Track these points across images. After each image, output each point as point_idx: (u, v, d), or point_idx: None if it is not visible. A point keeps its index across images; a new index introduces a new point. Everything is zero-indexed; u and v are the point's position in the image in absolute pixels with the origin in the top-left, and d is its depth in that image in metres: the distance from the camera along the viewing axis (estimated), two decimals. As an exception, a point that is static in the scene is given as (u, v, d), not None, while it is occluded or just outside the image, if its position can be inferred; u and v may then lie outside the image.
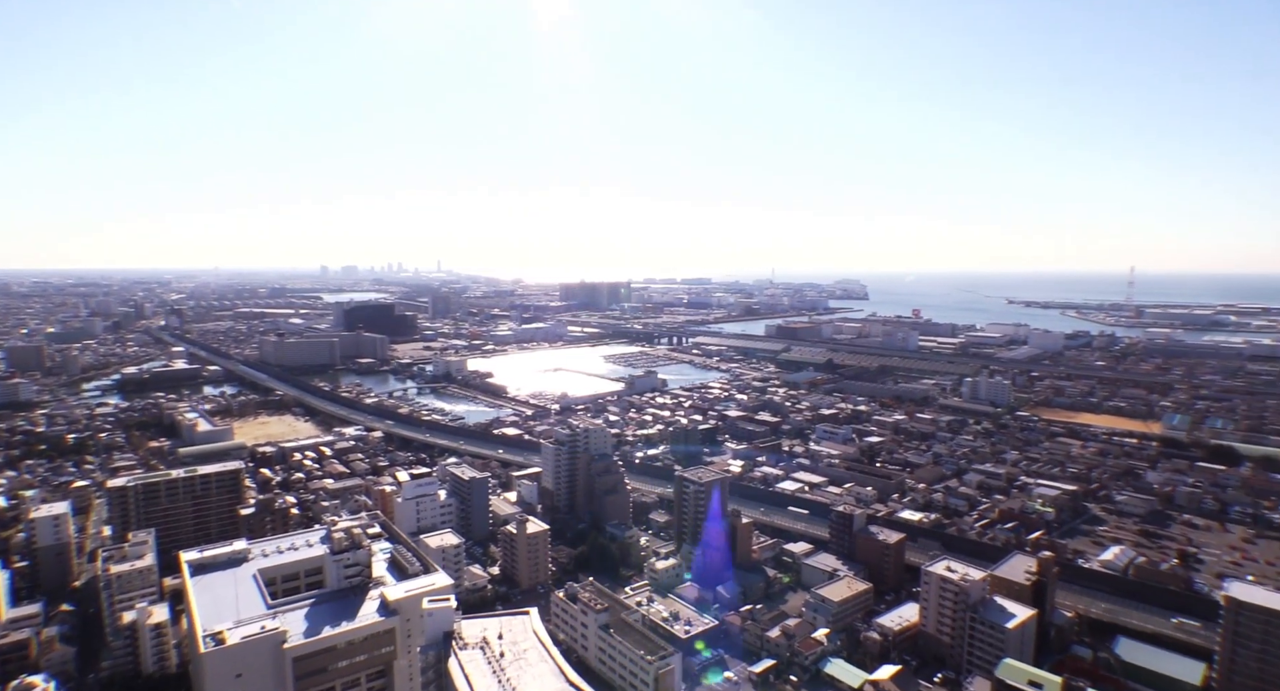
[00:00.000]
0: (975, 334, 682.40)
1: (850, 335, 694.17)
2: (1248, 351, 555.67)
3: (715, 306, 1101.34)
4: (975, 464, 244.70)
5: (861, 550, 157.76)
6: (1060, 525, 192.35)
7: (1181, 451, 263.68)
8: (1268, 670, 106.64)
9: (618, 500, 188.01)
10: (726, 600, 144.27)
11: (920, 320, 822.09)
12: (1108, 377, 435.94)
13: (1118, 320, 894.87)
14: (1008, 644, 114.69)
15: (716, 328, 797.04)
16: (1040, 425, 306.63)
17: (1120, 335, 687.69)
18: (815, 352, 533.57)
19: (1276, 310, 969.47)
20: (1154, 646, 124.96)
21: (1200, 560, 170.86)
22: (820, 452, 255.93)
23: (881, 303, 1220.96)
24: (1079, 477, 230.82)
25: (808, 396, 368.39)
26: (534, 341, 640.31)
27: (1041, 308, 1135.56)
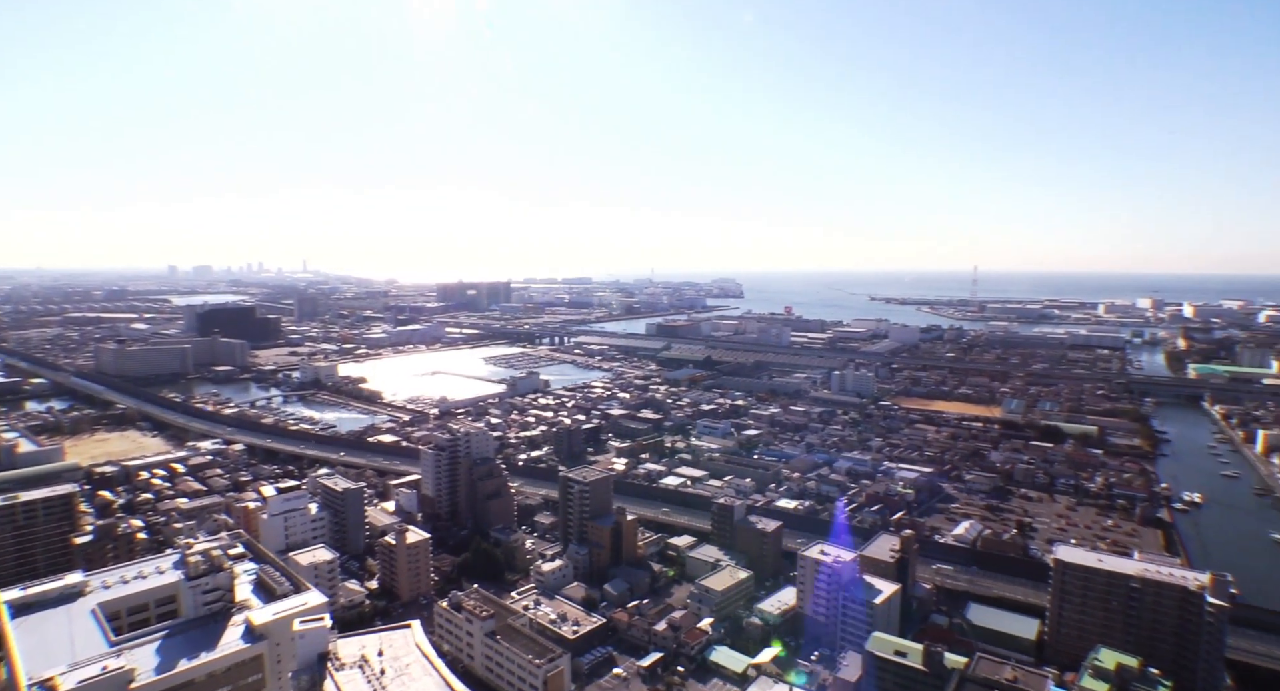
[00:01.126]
0: (842, 329, 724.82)
1: (727, 332, 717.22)
2: (1068, 341, 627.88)
3: (596, 306, 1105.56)
4: (844, 451, 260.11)
5: (742, 540, 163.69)
6: (919, 505, 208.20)
7: (1018, 432, 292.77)
8: (1086, 620, 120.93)
9: (501, 504, 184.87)
10: (614, 597, 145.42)
11: (792, 317, 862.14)
12: (957, 368, 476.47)
13: (964, 315, 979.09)
14: (876, 618, 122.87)
15: (598, 327, 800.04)
16: (900, 413, 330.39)
17: (967, 328, 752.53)
18: (694, 350, 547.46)
19: (1090, 305, 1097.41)
20: (999, 609, 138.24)
21: (1034, 528, 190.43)
22: (701, 447, 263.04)
23: (756, 301, 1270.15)
24: (934, 460, 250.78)
25: (688, 393, 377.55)
26: (410, 344, 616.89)
27: (900, 304, 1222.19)
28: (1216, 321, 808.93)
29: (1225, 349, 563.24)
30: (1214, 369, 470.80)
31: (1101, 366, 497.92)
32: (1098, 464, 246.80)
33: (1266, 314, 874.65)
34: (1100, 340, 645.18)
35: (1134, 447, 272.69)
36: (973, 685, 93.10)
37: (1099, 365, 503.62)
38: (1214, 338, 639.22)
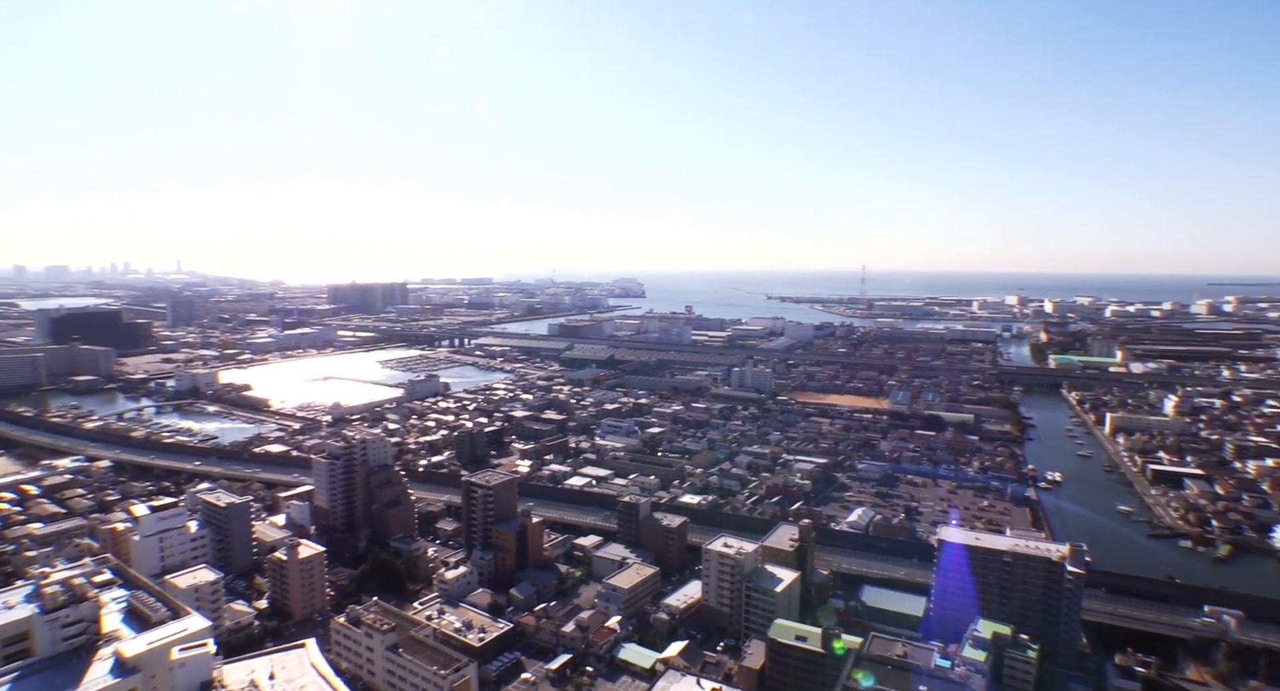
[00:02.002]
0: (740, 327, 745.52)
1: (630, 332, 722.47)
2: (947, 336, 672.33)
3: (497, 306, 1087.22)
4: (745, 446, 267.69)
5: (647, 536, 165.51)
6: (816, 494, 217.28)
7: (904, 422, 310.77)
8: (967, 595, 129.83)
9: (401, 512, 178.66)
10: (521, 601, 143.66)
11: (693, 316, 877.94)
12: (848, 363, 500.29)
13: (854, 312, 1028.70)
14: (778, 606, 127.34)
15: (500, 328, 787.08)
16: (797, 407, 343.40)
17: (857, 325, 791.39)
18: (597, 349, 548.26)
19: (966, 302, 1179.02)
20: (891, 590, 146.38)
21: (920, 512, 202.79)
22: (605, 446, 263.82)
23: (658, 300, 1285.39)
24: (829, 451, 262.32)
25: (592, 392, 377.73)
26: (300, 348, 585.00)
27: (795, 302, 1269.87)
28: (1072, 316, 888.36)
29: (1079, 341, 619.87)
30: (1070, 359, 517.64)
31: (976, 359, 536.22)
32: (974, 449, 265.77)
33: (1111, 309, 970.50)
34: (975, 334, 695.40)
35: (1005, 433, 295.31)
36: (867, 663, 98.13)
37: (974, 357, 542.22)
38: (1070, 330, 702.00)
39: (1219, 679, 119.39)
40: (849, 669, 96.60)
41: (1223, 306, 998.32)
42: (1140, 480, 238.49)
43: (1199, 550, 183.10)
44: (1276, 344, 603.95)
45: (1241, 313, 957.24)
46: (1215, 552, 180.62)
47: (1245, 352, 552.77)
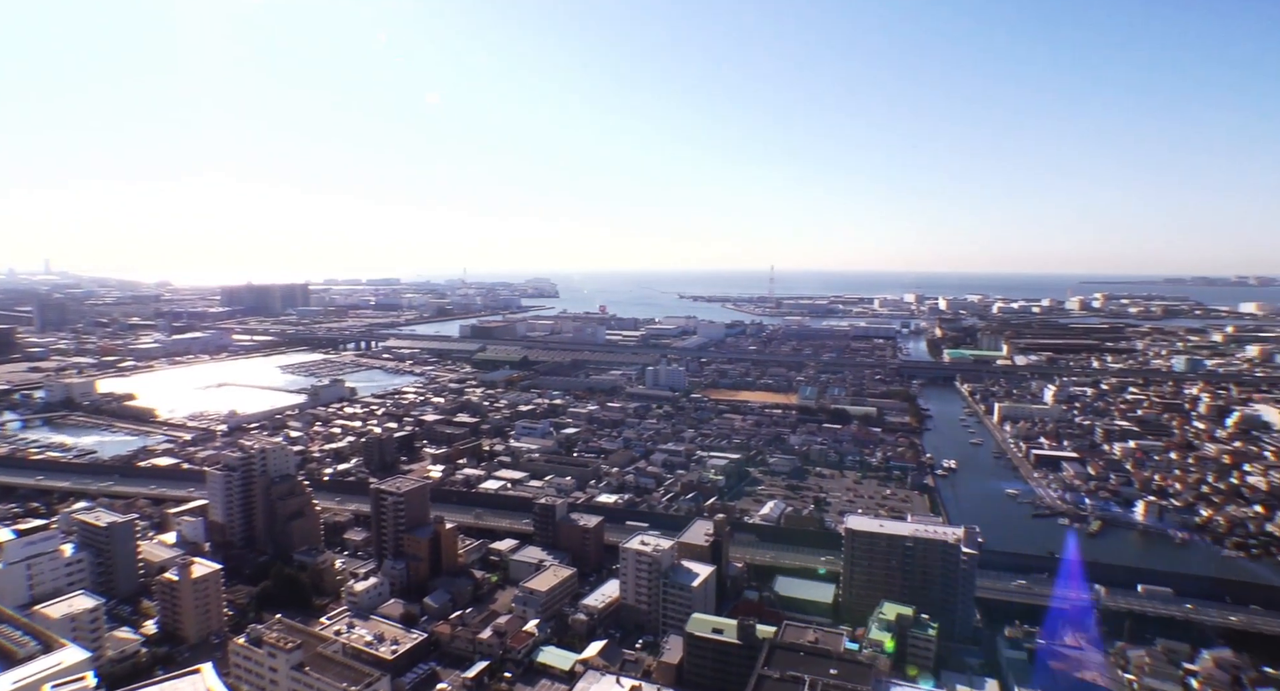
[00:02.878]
0: (654, 326, 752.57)
1: (544, 332, 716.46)
2: (851, 333, 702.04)
3: (406, 307, 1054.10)
4: (660, 444, 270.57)
5: (564, 538, 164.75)
6: (730, 489, 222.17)
7: (812, 416, 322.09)
8: (873, 580, 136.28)
9: (306, 524, 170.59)
10: (435, 610, 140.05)
11: (607, 316, 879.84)
12: (759, 360, 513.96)
13: (764, 310, 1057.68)
14: (694, 600, 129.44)
15: (408, 330, 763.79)
16: (710, 404, 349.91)
17: (766, 323, 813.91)
18: (511, 351, 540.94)
19: (868, 300, 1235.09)
20: (803, 579, 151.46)
21: (828, 503, 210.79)
22: (520, 449, 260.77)
23: (571, 300, 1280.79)
24: (742, 447, 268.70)
25: (505, 394, 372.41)
26: (190, 354, 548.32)
27: (707, 302, 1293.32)
28: (963, 313, 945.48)
29: (970, 336, 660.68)
30: (962, 353, 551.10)
31: (878, 354, 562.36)
32: (877, 441, 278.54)
33: (997, 306, 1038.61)
34: (877, 331, 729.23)
35: (905, 424, 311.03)
36: (781, 651, 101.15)
37: (876, 353, 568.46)
38: (961, 326, 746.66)
39: (1091, 642, 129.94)
40: (763, 657, 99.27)
41: (1092, 302, 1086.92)
42: (1024, 464, 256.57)
43: (1074, 526, 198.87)
44: (1136, 336, 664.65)
45: (1108, 308, 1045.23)
46: (1088, 528, 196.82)
47: (1111, 345, 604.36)
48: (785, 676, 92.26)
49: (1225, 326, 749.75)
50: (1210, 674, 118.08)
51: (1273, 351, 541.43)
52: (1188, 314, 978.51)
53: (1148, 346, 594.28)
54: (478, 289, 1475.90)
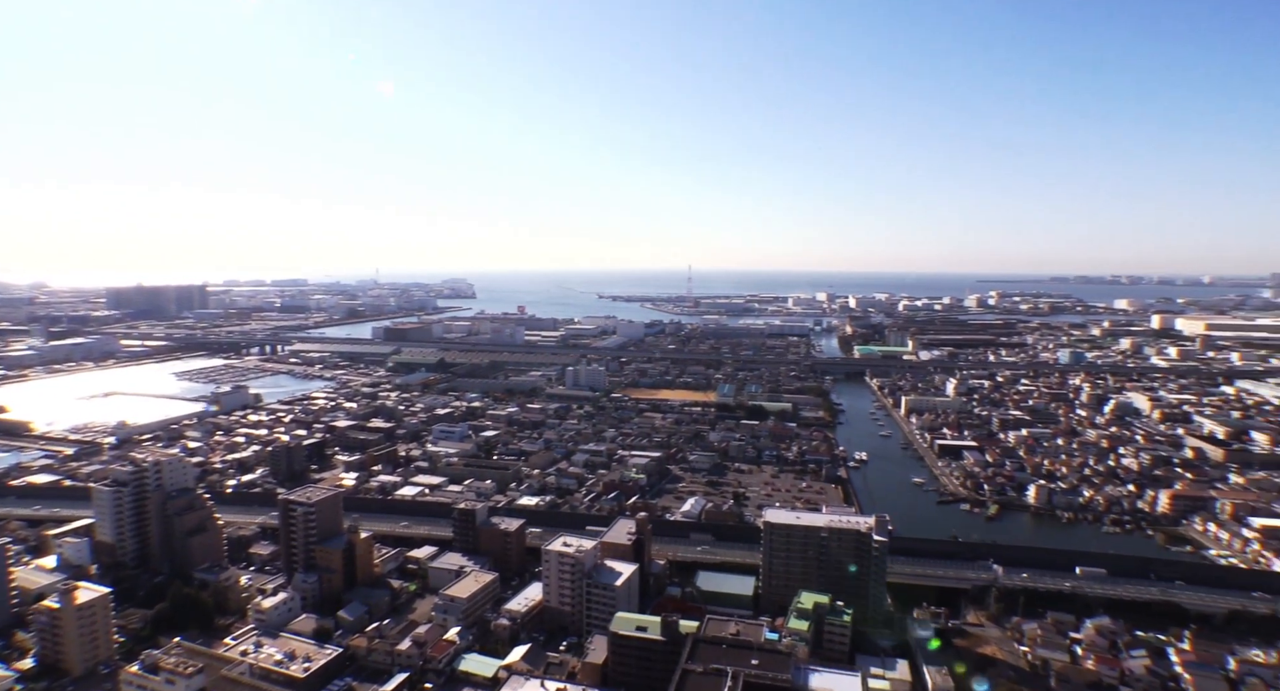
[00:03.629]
0: (573, 327, 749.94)
1: (461, 333, 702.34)
2: (767, 331, 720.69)
3: (314, 309, 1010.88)
4: (581, 444, 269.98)
5: (485, 542, 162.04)
6: (651, 488, 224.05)
7: (731, 413, 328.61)
8: (791, 571, 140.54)
9: (206, 540, 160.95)
10: (350, 623, 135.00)
11: (525, 316, 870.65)
12: (678, 358, 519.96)
13: (682, 310, 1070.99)
14: (618, 599, 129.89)
15: (318, 332, 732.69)
16: (630, 404, 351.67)
17: (685, 322, 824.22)
18: (427, 353, 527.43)
19: (782, 298, 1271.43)
20: (724, 573, 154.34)
21: (747, 497, 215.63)
22: (438, 453, 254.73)
23: (489, 301, 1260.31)
24: (662, 445, 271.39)
25: (422, 397, 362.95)
26: (72, 361, 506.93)
27: (626, 301, 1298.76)
28: (872, 310, 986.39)
29: (878, 333, 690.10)
30: (871, 349, 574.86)
31: (793, 351, 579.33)
32: (793, 435, 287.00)
33: (903, 303, 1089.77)
34: (791, 329, 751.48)
35: (819, 419, 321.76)
36: (704, 645, 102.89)
37: (791, 350, 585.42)
38: (870, 324, 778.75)
39: (991, 619, 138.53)
40: (686, 652, 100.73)
41: (988, 301, 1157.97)
42: (929, 454, 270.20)
43: (975, 511, 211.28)
44: (1027, 332, 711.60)
45: (1002, 306, 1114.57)
46: (987, 512, 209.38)
47: (1005, 340, 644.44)
48: (708, 669, 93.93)
49: (1102, 321, 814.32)
50: (1092, 640, 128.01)
51: (1141, 344, 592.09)
52: (1070, 310, 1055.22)
53: (1037, 341, 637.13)
54: (391, 290, 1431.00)
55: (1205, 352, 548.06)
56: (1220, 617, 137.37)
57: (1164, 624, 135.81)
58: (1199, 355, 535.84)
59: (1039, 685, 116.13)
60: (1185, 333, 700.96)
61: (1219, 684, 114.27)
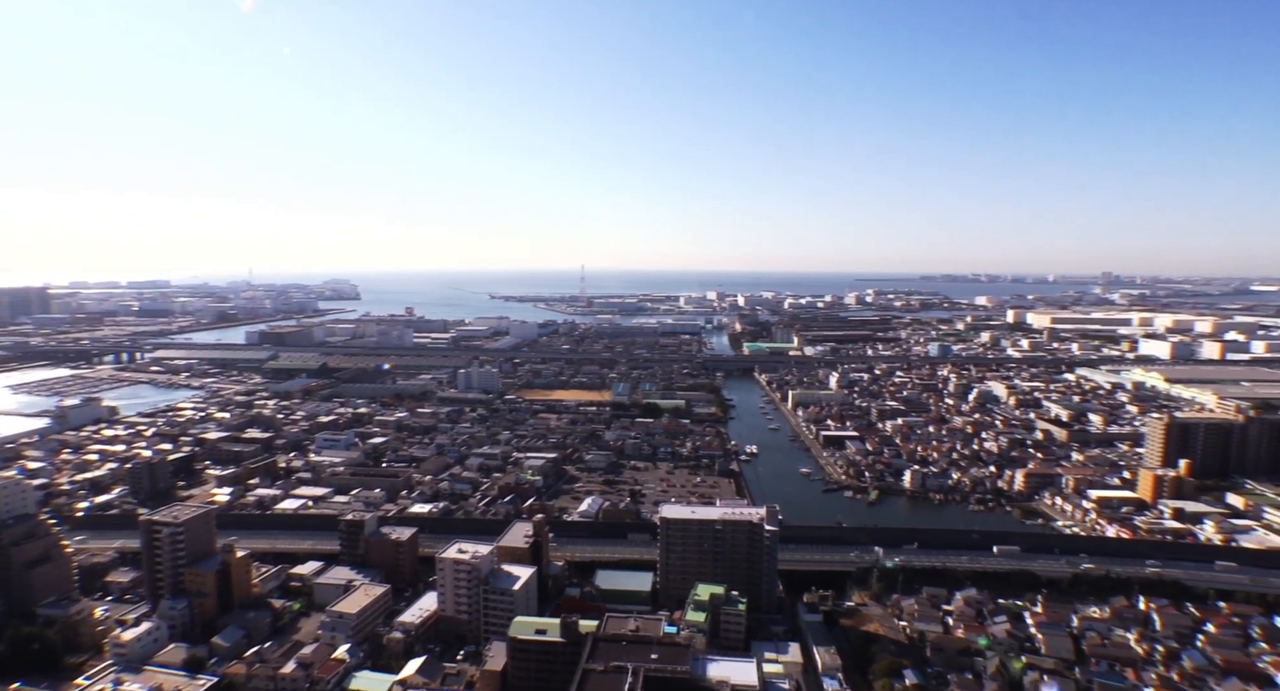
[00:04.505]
0: (464, 328, 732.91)
1: (345, 337, 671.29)
2: (660, 330, 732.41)
3: (179, 313, 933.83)
4: (475, 448, 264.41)
5: (375, 554, 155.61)
6: (548, 489, 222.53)
7: (626, 412, 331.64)
8: (687, 564, 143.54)
9: (53, 570, 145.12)
10: (226, 650, 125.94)
11: (414, 318, 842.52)
12: (572, 358, 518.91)
13: (575, 310, 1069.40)
14: (516, 604, 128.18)
15: (183, 338, 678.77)
16: (525, 405, 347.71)
17: (579, 322, 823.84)
18: (308, 358, 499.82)
19: (674, 297, 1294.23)
20: (623, 570, 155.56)
21: (643, 494, 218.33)
22: (322, 463, 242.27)
23: (374, 302, 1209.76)
24: (558, 446, 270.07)
25: (303, 405, 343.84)
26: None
27: (518, 302, 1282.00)
28: (760, 308, 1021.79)
29: (766, 330, 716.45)
30: (759, 346, 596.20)
31: (685, 349, 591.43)
32: (687, 432, 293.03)
33: (788, 301, 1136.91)
34: (683, 327, 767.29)
35: (712, 415, 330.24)
36: (603, 643, 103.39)
37: (683, 348, 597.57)
38: (758, 321, 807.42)
39: (874, 598, 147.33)
40: (586, 652, 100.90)
41: (865, 298, 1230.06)
42: (815, 445, 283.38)
43: (858, 497, 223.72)
44: (900, 327, 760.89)
45: (878, 303, 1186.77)
46: (868, 498, 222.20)
47: (881, 335, 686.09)
48: (609, 667, 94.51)
49: (965, 316, 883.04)
50: (961, 611, 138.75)
51: (999, 336, 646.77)
52: (938, 306, 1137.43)
53: (909, 336, 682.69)
54: (267, 291, 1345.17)
55: (1051, 344, 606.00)
56: (1066, 581, 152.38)
57: (1021, 590, 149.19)
58: (1046, 346, 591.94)
59: (917, 656, 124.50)
60: (1035, 326, 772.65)
61: (1065, 640, 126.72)
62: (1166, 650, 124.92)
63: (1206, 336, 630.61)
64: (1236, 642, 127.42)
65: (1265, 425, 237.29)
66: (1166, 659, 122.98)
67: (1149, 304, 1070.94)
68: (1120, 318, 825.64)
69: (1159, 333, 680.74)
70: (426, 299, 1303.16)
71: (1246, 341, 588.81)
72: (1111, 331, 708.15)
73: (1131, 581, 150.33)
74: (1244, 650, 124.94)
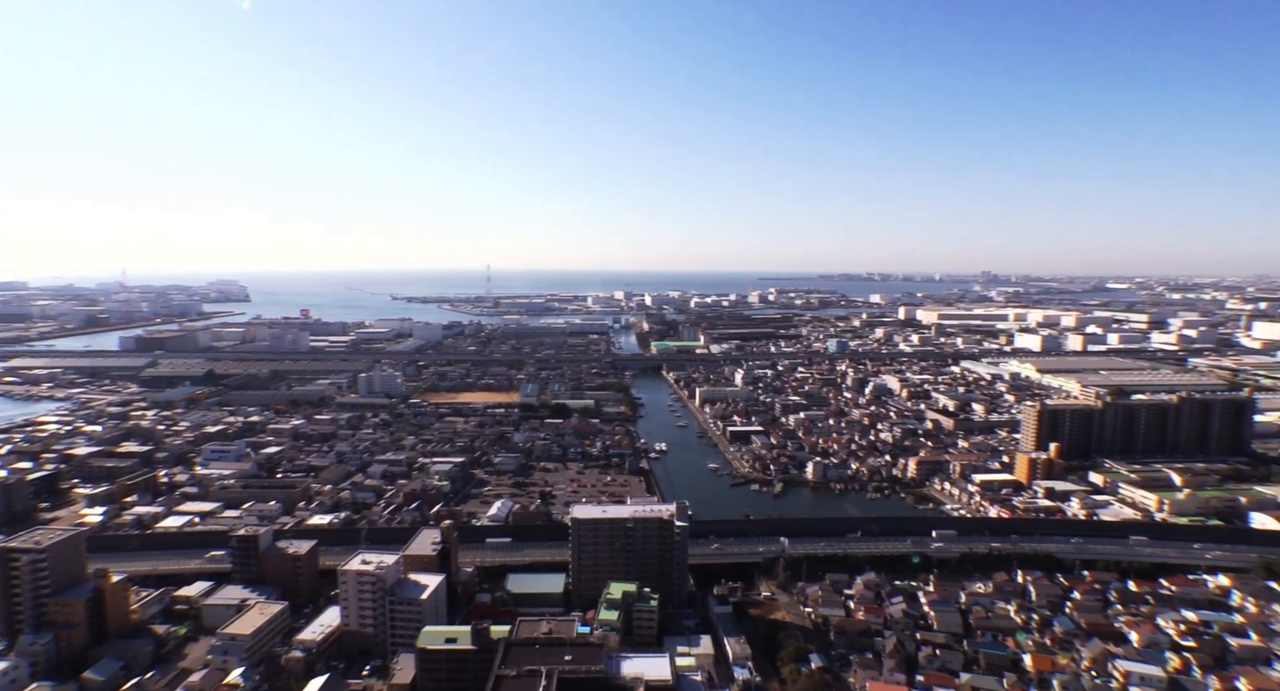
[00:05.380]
0: (365, 330, 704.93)
1: (233, 341, 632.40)
2: (567, 329, 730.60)
3: (38, 317, 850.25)
4: (378, 455, 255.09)
5: (271, 570, 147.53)
6: (456, 494, 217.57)
7: (535, 413, 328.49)
8: (599, 563, 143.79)
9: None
10: (101, 684, 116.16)
11: (310, 320, 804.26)
12: (479, 360, 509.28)
13: (482, 310, 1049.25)
14: (425, 613, 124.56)
15: (44, 345, 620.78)
16: (430, 409, 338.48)
17: (485, 323, 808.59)
18: (192, 364, 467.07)
19: (581, 297, 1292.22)
20: (535, 573, 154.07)
21: (554, 496, 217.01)
22: (210, 476, 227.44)
23: (266, 304, 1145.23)
24: (466, 449, 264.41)
25: (187, 415, 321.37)
26: None
27: (422, 303, 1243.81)
28: (666, 307, 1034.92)
29: (673, 329, 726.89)
30: (667, 345, 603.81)
31: (593, 349, 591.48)
32: (597, 431, 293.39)
33: (694, 300, 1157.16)
34: (591, 327, 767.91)
35: (621, 414, 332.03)
36: (516, 648, 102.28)
37: (592, 348, 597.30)
38: (666, 320, 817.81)
39: (780, 587, 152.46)
40: (499, 658, 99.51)
41: (768, 297, 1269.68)
42: (722, 441, 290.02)
43: (763, 490, 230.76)
44: (801, 325, 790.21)
45: (780, 301, 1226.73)
46: (774, 491, 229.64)
47: (784, 332, 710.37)
48: (522, 672, 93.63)
49: (861, 314, 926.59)
50: (861, 594, 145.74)
51: (892, 332, 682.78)
52: (836, 304, 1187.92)
53: (810, 332, 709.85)
54: (143, 293, 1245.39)
55: (938, 338, 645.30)
56: (954, 560, 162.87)
57: (916, 572, 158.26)
58: (934, 341, 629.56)
59: (821, 640, 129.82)
60: (924, 322, 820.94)
61: (954, 615, 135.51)
62: (1040, 618, 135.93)
63: (1071, 330, 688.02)
64: (1097, 607, 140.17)
65: (1119, 409, 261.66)
66: (1041, 626, 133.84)
67: (1022, 301, 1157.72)
68: (998, 313, 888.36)
69: (1031, 327, 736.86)
70: (323, 300, 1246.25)
71: (1104, 334, 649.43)
72: (991, 326, 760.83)
73: (1011, 557, 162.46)
74: (1104, 613, 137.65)
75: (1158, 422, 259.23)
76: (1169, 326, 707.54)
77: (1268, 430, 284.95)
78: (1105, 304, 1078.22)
